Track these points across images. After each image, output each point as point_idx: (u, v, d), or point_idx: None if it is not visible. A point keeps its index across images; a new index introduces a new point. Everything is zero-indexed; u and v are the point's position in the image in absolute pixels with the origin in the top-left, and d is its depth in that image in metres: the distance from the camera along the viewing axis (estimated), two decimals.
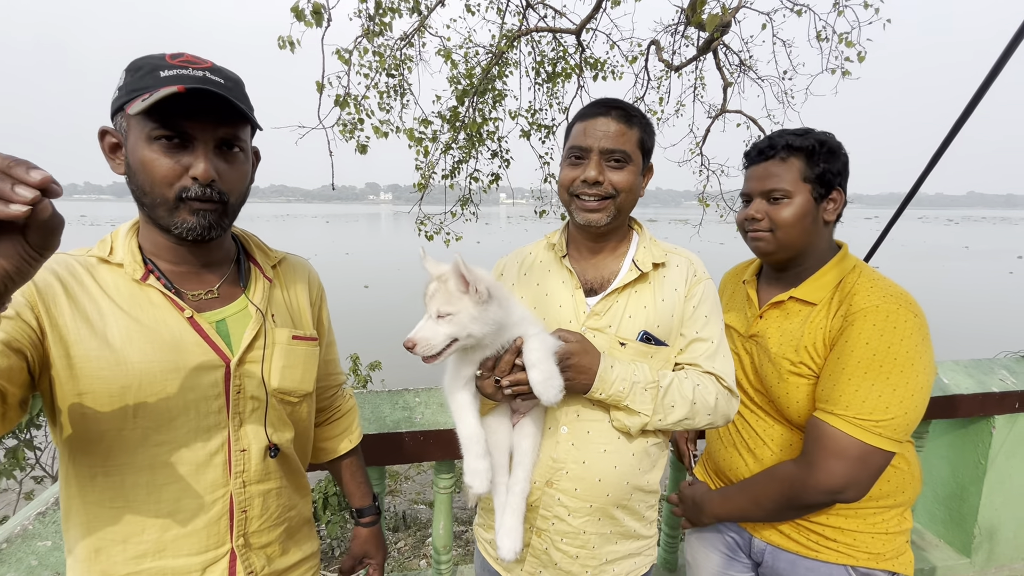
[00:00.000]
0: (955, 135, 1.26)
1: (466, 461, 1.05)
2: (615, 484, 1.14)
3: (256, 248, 1.09)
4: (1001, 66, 1.15)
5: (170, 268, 0.94)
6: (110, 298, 0.87)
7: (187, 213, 0.87)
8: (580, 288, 1.20)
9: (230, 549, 0.93)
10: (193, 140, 0.86)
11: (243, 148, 0.93)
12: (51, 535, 1.28)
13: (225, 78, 0.89)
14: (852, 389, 1.12)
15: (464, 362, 1.07)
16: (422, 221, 5.57)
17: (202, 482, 0.90)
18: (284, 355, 1.00)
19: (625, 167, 1.15)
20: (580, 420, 1.15)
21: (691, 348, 1.18)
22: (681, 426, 1.13)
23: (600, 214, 1.15)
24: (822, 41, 5.01)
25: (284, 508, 1.01)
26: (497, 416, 1.18)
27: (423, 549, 4.36)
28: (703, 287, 1.20)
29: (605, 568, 1.17)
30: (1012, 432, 2.20)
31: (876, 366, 1.10)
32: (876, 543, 1.25)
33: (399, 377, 4.35)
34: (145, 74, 0.84)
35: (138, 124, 0.84)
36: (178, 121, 0.84)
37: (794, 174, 1.26)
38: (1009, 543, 2.31)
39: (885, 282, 1.21)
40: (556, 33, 5.35)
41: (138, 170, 0.86)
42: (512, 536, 1.12)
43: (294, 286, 1.10)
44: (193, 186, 0.86)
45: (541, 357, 1.01)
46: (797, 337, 1.25)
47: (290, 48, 4.17)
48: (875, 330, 1.11)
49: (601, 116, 1.14)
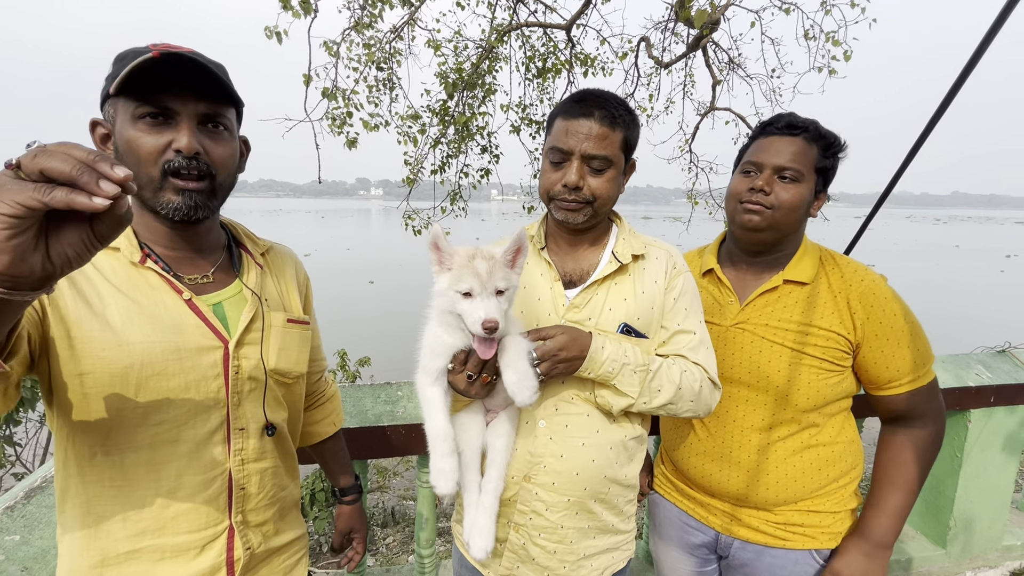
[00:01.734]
0: (929, 133, 1.28)
1: (432, 460, 1.02)
2: (593, 477, 1.14)
3: (245, 236, 1.11)
4: (976, 60, 1.17)
5: (165, 253, 0.95)
6: (108, 281, 0.88)
7: (172, 192, 0.88)
8: (559, 280, 1.19)
9: (228, 526, 0.95)
10: (176, 115, 0.87)
11: (227, 127, 0.94)
12: (19, 529, 1.26)
13: (204, 60, 0.89)
14: (910, 357, 1.25)
15: (437, 354, 1.03)
16: (410, 216, 5.54)
17: (202, 460, 0.91)
18: (280, 337, 1.03)
19: (606, 172, 1.13)
20: (558, 414, 1.14)
21: (674, 340, 1.18)
22: (664, 411, 1.13)
23: (577, 214, 1.15)
24: (810, 40, 5.06)
25: (278, 488, 1.04)
26: (470, 413, 1.16)
27: (411, 544, 4.35)
28: (683, 279, 1.21)
29: (583, 563, 1.17)
30: (987, 426, 2.25)
31: (910, 331, 1.25)
32: (836, 522, 1.30)
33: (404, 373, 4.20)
34: (128, 60, 0.85)
35: (123, 107, 0.86)
36: (159, 96, 0.85)
37: (811, 160, 1.26)
38: (983, 534, 2.36)
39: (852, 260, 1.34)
40: (546, 28, 5.33)
41: (125, 152, 0.87)
42: (484, 535, 1.11)
43: (282, 273, 1.13)
44: (176, 158, 0.86)
45: (516, 357, 0.99)
46: (800, 318, 1.26)
47: (277, 39, 4.11)
48: (895, 302, 1.26)
49: (584, 118, 1.11)
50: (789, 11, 5.00)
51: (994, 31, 1.13)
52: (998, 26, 1.13)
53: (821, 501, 1.30)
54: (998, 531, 2.39)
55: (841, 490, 1.32)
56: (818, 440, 1.30)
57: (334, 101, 4.54)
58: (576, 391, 1.14)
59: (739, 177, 1.33)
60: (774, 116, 1.33)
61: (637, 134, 1.19)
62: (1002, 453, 2.30)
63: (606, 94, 1.15)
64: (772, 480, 1.29)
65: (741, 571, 1.36)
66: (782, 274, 1.31)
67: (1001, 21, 1.10)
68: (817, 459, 1.29)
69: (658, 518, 1.53)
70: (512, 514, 1.17)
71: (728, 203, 1.37)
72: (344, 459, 1.37)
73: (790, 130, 1.26)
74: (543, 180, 1.19)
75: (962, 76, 1.21)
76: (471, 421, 1.15)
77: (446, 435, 1.02)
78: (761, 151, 1.29)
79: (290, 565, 1.10)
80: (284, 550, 1.08)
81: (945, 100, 1.27)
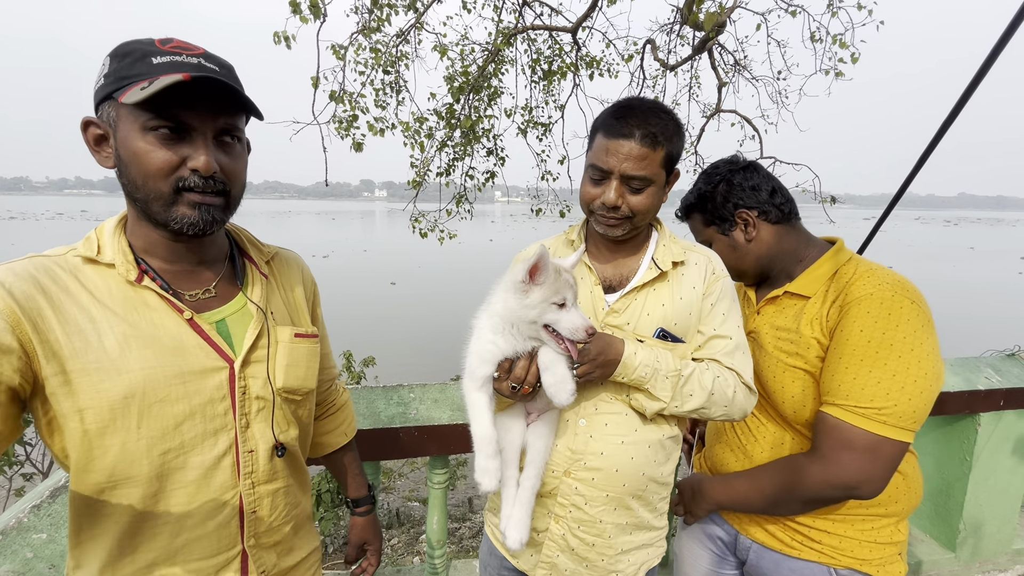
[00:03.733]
0: (942, 136, 1.28)
1: (477, 459, 1.08)
2: (631, 475, 1.16)
3: (249, 244, 1.06)
4: (991, 62, 1.18)
5: (164, 267, 0.90)
6: (101, 303, 0.82)
7: (186, 207, 0.84)
8: (599, 285, 1.21)
9: (241, 550, 0.92)
10: (192, 130, 0.82)
11: (241, 139, 0.91)
12: (46, 528, 1.28)
13: (219, 65, 0.86)
14: (851, 378, 1.09)
15: (485, 360, 1.08)
16: (416, 219, 5.57)
17: (211, 486, 0.88)
18: (287, 354, 0.98)
19: (645, 190, 1.13)
20: (598, 413, 1.17)
21: (709, 345, 1.18)
22: (696, 415, 1.15)
23: (616, 229, 1.17)
24: (816, 42, 5.05)
25: (291, 506, 1.01)
26: (512, 415, 1.20)
27: (416, 546, 4.37)
28: (721, 284, 1.21)
29: (620, 558, 1.20)
30: (997, 429, 2.25)
31: (872, 353, 1.07)
32: (863, 550, 1.22)
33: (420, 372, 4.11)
34: (135, 61, 0.80)
35: (130, 114, 0.79)
36: (176, 111, 0.80)
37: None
38: (993, 538, 2.35)
39: (883, 271, 1.17)
40: (552, 31, 5.35)
41: (131, 163, 0.81)
42: (519, 528, 1.15)
43: (289, 282, 1.08)
44: (192, 177, 0.82)
45: (554, 360, 1.04)
46: (792, 330, 1.25)
47: (285, 44, 4.15)
48: (869, 317, 1.09)
49: (624, 139, 1.09)
50: (795, 13, 4.99)
51: (1008, 35, 1.14)
52: (1012, 31, 1.13)
53: (843, 526, 1.22)
54: (1008, 535, 2.38)
55: (873, 519, 1.22)
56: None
57: (342, 104, 4.58)
58: (613, 393, 1.17)
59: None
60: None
61: (681, 146, 1.17)
62: (1012, 456, 2.29)
63: (648, 107, 1.12)
64: None
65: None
66: (788, 285, 1.31)
67: (1014, 28, 1.11)
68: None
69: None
70: (553, 505, 1.20)
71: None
72: (357, 469, 1.32)
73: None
74: (583, 192, 1.20)
75: (976, 79, 1.22)
76: (513, 422, 1.19)
77: (491, 438, 1.07)
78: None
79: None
80: (300, 566, 1.06)
81: (958, 103, 1.28)
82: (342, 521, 4.08)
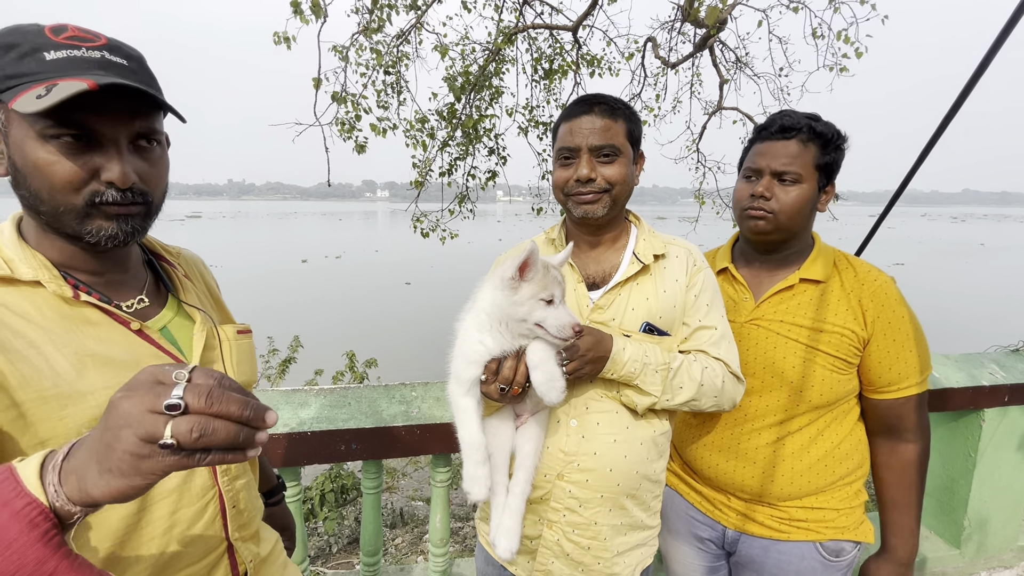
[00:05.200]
0: (943, 131, 1.28)
1: (466, 468, 1.05)
2: (625, 473, 1.16)
3: (160, 248, 1.00)
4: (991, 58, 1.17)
5: (93, 280, 0.82)
6: (36, 325, 0.72)
7: (103, 219, 0.76)
8: (582, 282, 1.21)
9: (227, 545, 0.93)
10: (101, 138, 0.72)
11: (160, 141, 0.83)
12: None
13: (127, 57, 0.76)
14: (914, 359, 1.27)
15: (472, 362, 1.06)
16: (418, 218, 5.58)
17: (193, 489, 0.87)
18: (236, 351, 0.98)
19: (615, 160, 1.16)
20: (589, 412, 1.16)
21: (695, 336, 1.20)
22: (687, 407, 1.15)
23: (596, 205, 1.17)
24: (818, 38, 5.03)
25: (255, 498, 1.03)
26: (500, 418, 1.18)
27: (420, 545, 4.37)
28: (703, 276, 1.22)
29: (616, 560, 1.19)
30: (1001, 425, 2.24)
31: (913, 331, 1.27)
32: (841, 517, 1.31)
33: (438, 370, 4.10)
34: (23, 56, 0.69)
35: (24, 119, 0.70)
36: (81, 116, 0.70)
37: (809, 159, 1.27)
38: (998, 535, 2.34)
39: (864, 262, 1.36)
40: (553, 30, 5.35)
41: (31, 174, 0.71)
42: (510, 536, 1.12)
43: (200, 279, 1.06)
44: (108, 191, 0.74)
45: (543, 358, 1.02)
46: (814, 315, 1.28)
47: (286, 44, 4.16)
48: (899, 303, 1.27)
49: (585, 114, 1.15)
50: (797, 9, 4.97)
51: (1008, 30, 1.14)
52: (1011, 26, 1.13)
53: (825, 498, 1.32)
54: (1013, 531, 2.38)
55: (847, 487, 1.34)
56: (827, 438, 1.31)
57: (343, 105, 4.58)
58: (603, 390, 1.17)
59: (742, 183, 1.37)
60: (769, 119, 1.34)
61: (639, 128, 1.22)
62: (1016, 452, 2.28)
63: (603, 94, 1.19)
64: (780, 475, 1.31)
65: (750, 567, 1.38)
66: (798, 272, 1.32)
67: (1013, 23, 1.10)
68: (825, 456, 1.31)
69: (666, 511, 1.54)
70: (545, 511, 1.19)
71: (735, 209, 1.40)
72: (267, 460, 1.33)
73: (784, 133, 1.28)
74: (556, 180, 1.21)
75: (976, 74, 1.22)
76: (501, 426, 1.17)
77: (479, 444, 1.05)
78: (759, 156, 1.32)
79: (282, 564, 1.09)
80: (272, 554, 1.07)
81: (959, 99, 1.28)
82: (346, 520, 4.10)
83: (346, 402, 1.75)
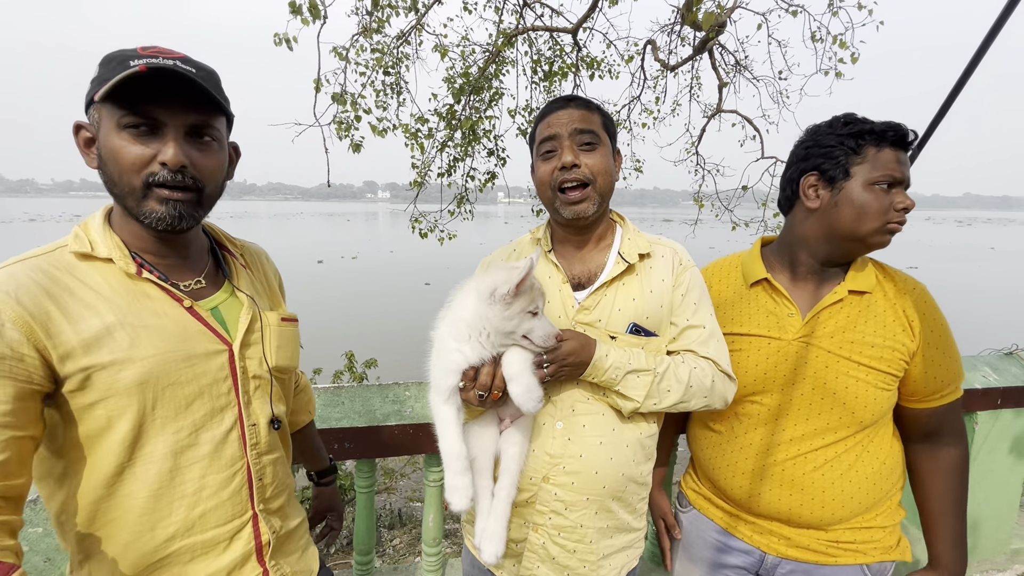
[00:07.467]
0: (934, 129, 1.29)
1: (447, 477, 1.05)
2: (611, 475, 1.15)
3: (225, 239, 1.13)
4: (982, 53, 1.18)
5: (157, 261, 0.95)
6: (105, 297, 0.86)
7: (155, 202, 0.88)
8: (567, 283, 1.21)
9: (252, 514, 1.00)
10: (163, 126, 0.86)
11: (216, 138, 0.94)
12: (42, 522, 1.30)
13: (198, 68, 0.89)
14: (957, 366, 1.24)
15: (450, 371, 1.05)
16: (416, 219, 5.59)
17: (222, 458, 0.95)
18: (277, 336, 1.07)
19: (597, 148, 1.16)
20: (576, 415, 1.16)
21: (684, 336, 1.19)
22: (676, 409, 1.15)
23: (585, 204, 1.16)
24: (816, 42, 5.05)
25: (285, 475, 1.10)
26: (484, 422, 1.18)
27: (418, 546, 4.38)
28: (689, 275, 1.22)
29: (602, 563, 1.18)
30: (994, 428, 2.24)
31: (951, 337, 1.24)
32: (886, 536, 1.27)
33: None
34: (116, 65, 0.84)
35: (108, 114, 0.85)
36: (146, 107, 0.84)
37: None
38: (991, 537, 2.34)
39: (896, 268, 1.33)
40: (553, 32, 5.37)
41: (108, 160, 0.86)
42: (495, 540, 1.12)
43: (262, 272, 1.17)
44: (161, 171, 0.86)
45: (520, 369, 1.02)
46: (866, 330, 1.21)
47: (286, 45, 4.18)
48: (935, 309, 1.24)
49: (561, 109, 1.18)
50: (796, 13, 4.99)
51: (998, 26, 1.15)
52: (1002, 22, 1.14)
53: (872, 516, 1.26)
54: (1006, 534, 2.38)
55: (889, 500, 1.29)
56: (872, 454, 1.25)
57: (343, 105, 4.60)
58: (590, 392, 1.16)
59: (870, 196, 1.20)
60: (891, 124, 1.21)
61: (614, 126, 1.24)
62: (1009, 455, 2.28)
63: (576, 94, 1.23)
64: (830, 499, 1.23)
65: None
66: (845, 284, 1.25)
67: (1004, 18, 1.11)
68: (872, 474, 1.24)
69: (691, 537, 1.45)
70: (531, 515, 1.18)
71: (865, 224, 1.20)
72: (320, 443, 1.44)
73: (908, 143, 1.22)
74: (540, 175, 1.20)
75: (968, 70, 1.22)
76: (485, 429, 1.16)
77: (460, 454, 1.05)
78: (889, 163, 1.21)
79: (304, 545, 1.14)
80: (296, 531, 1.13)
81: (950, 95, 1.28)
82: (344, 520, 4.11)
83: (339, 401, 1.76)
